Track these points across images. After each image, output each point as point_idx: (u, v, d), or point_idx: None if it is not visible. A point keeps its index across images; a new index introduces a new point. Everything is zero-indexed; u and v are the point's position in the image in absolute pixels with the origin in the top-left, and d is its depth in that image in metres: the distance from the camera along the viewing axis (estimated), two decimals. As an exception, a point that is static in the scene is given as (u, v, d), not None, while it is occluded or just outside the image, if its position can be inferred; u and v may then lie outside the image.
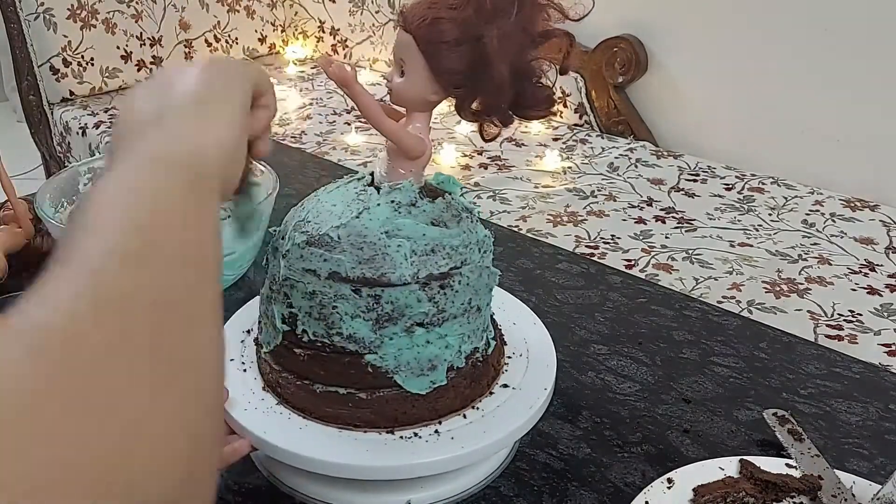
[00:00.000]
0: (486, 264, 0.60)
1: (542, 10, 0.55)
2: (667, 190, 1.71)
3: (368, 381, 0.57)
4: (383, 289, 0.54)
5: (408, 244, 0.55)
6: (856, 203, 1.65)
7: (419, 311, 0.55)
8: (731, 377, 0.78)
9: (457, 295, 0.57)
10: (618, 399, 0.74)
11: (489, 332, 0.62)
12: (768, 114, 1.81)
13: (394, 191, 0.57)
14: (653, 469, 0.65)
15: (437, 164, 1.79)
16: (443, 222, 0.57)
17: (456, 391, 0.59)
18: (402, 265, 0.54)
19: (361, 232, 0.55)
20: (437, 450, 0.57)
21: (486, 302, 0.61)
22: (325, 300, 0.55)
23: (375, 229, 0.55)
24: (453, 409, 0.60)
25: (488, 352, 0.62)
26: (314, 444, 0.56)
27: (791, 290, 1.34)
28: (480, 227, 0.60)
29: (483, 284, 0.59)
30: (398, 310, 0.55)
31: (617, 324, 0.86)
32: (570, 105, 2.06)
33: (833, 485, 0.60)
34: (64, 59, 2.07)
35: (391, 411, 0.58)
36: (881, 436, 0.70)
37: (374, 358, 0.56)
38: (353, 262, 0.54)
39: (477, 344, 0.60)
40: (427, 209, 0.57)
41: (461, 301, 0.57)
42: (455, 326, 0.57)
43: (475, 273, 0.58)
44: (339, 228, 0.55)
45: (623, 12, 1.96)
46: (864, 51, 1.65)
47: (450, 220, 0.57)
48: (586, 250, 1.45)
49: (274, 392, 0.61)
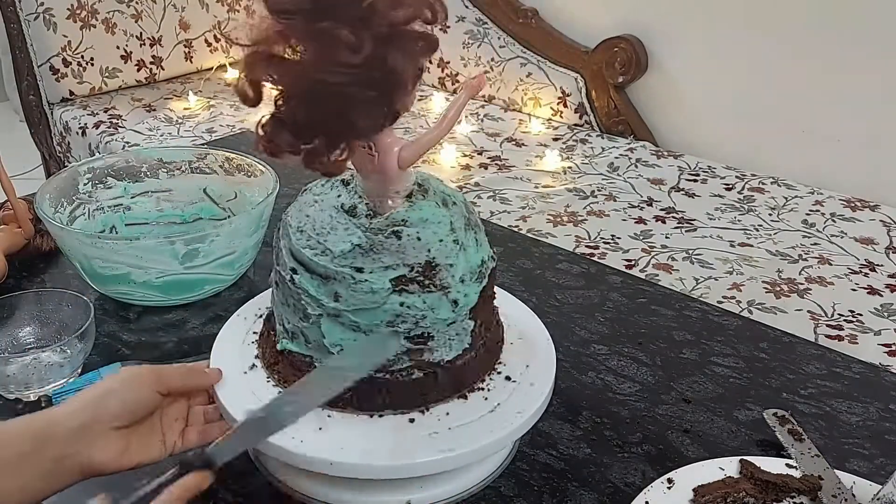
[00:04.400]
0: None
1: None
2: (667, 190, 1.70)
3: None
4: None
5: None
6: (856, 203, 1.65)
7: None
8: (732, 377, 0.78)
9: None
10: (618, 399, 0.74)
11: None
12: (769, 114, 1.81)
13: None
14: (653, 469, 0.65)
15: (438, 164, 1.79)
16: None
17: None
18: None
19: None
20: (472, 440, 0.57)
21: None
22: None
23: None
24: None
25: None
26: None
27: (791, 290, 1.34)
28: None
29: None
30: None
31: (617, 324, 0.86)
32: (571, 105, 2.06)
33: (833, 485, 0.60)
34: (64, 58, 2.07)
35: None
36: (881, 436, 0.70)
37: None
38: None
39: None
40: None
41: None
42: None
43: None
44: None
45: (623, 12, 1.96)
46: (864, 51, 1.65)
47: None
48: (586, 250, 1.44)
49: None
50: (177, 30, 2.26)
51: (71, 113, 2.08)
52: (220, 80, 2.30)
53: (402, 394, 0.59)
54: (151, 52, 2.22)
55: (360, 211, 0.59)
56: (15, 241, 0.92)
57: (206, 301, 0.87)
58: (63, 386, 0.71)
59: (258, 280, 0.92)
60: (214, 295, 0.88)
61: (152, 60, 2.23)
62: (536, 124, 2.02)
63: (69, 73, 2.09)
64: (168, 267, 0.81)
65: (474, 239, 0.62)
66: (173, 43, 2.26)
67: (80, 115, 2.06)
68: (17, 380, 0.71)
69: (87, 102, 2.12)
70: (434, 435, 0.58)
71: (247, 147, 0.99)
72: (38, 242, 0.94)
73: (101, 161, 0.96)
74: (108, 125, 2.00)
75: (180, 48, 2.28)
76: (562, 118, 2.07)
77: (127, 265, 0.81)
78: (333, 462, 0.55)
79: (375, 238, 0.57)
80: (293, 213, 0.62)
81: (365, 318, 0.57)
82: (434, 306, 0.58)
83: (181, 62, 2.29)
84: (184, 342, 0.81)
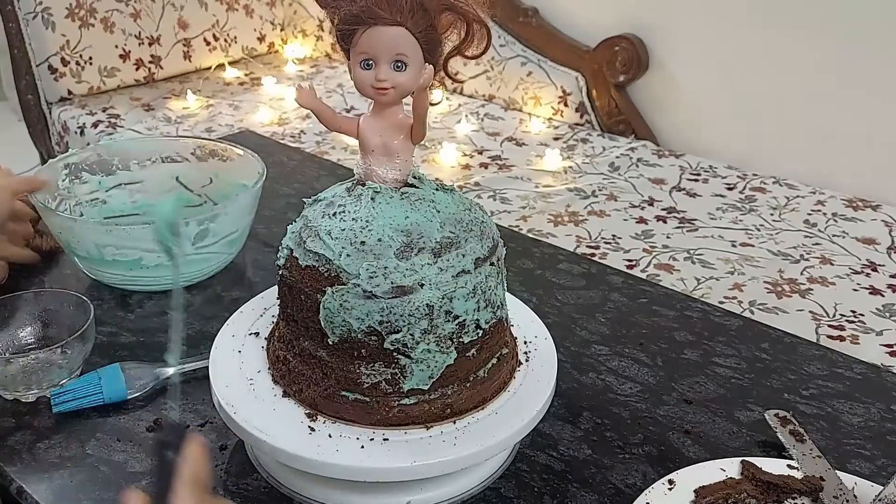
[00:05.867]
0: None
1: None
2: (668, 189, 1.70)
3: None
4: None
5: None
6: (857, 203, 1.65)
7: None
8: (733, 378, 0.77)
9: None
10: (619, 400, 0.74)
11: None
12: (770, 113, 1.81)
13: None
14: (654, 470, 0.65)
15: (438, 163, 1.79)
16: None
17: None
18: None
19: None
20: (471, 443, 0.57)
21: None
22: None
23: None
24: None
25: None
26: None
27: (793, 290, 1.34)
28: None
29: None
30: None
31: (618, 324, 0.85)
32: (571, 104, 2.06)
33: (835, 486, 0.60)
34: (62, 58, 2.07)
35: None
36: (883, 437, 0.70)
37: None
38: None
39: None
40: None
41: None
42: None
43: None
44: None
45: (624, 12, 1.96)
46: (865, 50, 1.65)
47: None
48: (587, 250, 1.44)
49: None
50: (175, 29, 2.26)
51: (69, 112, 2.08)
52: (219, 79, 2.30)
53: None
54: (150, 52, 2.22)
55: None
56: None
57: (205, 292, 0.87)
58: (62, 387, 0.70)
59: (258, 282, 0.92)
60: (209, 287, 0.89)
61: (151, 59, 2.22)
62: (537, 123, 2.02)
63: (68, 73, 2.09)
64: (181, 248, 0.83)
65: None
66: (172, 42, 2.25)
67: (78, 114, 2.06)
68: (16, 380, 0.71)
69: (85, 102, 2.11)
70: (435, 437, 0.58)
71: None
72: (37, 243, 0.93)
73: (76, 157, 0.96)
74: (106, 124, 2.00)
75: (179, 47, 2.27)
76: (562, 117, 2.07)
77: (141, 249, 0.83)
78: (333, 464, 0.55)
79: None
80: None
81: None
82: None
83: (180, 61, 2.28)
84: (184, 342, 0.81)
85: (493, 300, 0.60)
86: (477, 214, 0.60)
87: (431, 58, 0.57)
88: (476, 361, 0.59)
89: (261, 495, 0.62)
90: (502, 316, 0.62)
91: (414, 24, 0.54)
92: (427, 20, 0.55)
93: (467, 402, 0.60)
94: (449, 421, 0.59)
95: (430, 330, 0.56)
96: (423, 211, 0.57)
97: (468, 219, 0.59)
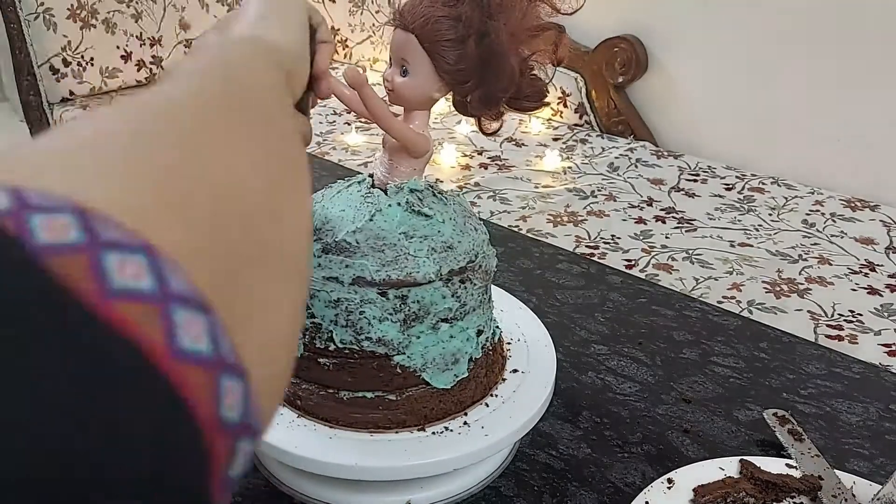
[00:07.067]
0: (490, 252, 0.61)
1: (536, 5, 0.55)
2: (667, 190, 1.70)
3: (398, 381, 0.58)
4: (409, 289, 0.55)
5: (426, 243, 0.56)
6: (856, 203, 1.65)
7: (444, 308, 0.56)
8: (732, 377, 0.78)
9: (475, 287, 0.58)
10: (618, 399, 0.74)
11: (494, 319, 0.64)
12: (768, 113, 1.81)
13: (401, 191, 0.57)
14: (653, 469, 0.65)
15: (438, 164, 1.79)
16: (453, 219, 0.58)
17: (476, 381, 0.61)
18: (426, 264, 0.55)
19: (379, 234, 0.55)
20: (472, 441, 0.58)
21: (490, 288, 0.63)
22: (351, 306, 0.55)
23: (393, 230, 0.55)
24: (475, 399, 0.61)
25: (495, 339, 0.64)
26: (349, 453, 0.56)
27: (791, 290, 1.34)
28: (476, 218, 0.63)
29: (489, 272, 0.61)
30: (424, 308, 0.56)
31: (617, 324, 0.86)
32: (571, 105, 2.06)
33: (833, 485, 0.60)
34: (64, 58, 2.07)
35: (420, 409, 0.59)
36: (881, 436, 0.70)
37: (403, 358, 0.57)
38: (376, 265, 0.55)
39: (489, 333, 0.62)
40: (438, 208, 0.58)
41: (478, 293, 0.59)
42: (474, 318, 0.59)
43: (485, 263, 0.60)
44: (355, 233, 0.55)
45: (623, 12, 1.96)
46: (864, 51, 1.65)
47: (458, 216, 0.59)
48: (586, 250, 1.45)
49: (292, 406, 0.61)
50: (177, 30, 2.26)
51: (71, 113, 2.08)
52: (220, 80, 2.30)
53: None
54: (151, 52, 2.22)
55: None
56: None
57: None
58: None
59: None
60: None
61: (152, 60, 2.23)
62: (536, 124, 2.02)
63: (69, 73, 2.09)
64: None
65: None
66: (173, 43, 2.26)
67: (79, 115, 2.06)
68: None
69: (87, 102, 2.11)
70: (434, 436, 0.58)
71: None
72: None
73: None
74: (108, 125, 2.00)
75: (181, 48, 2.27)
76: (562, 118, 2.07)
77: None
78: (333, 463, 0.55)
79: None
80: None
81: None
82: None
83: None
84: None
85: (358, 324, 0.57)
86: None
87: (445, 74, 0.55)
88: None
89: (261, 494, 0.63)
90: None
91: (427, 34, 0.53)
92: (476, 44, 0.53)
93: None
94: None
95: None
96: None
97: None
